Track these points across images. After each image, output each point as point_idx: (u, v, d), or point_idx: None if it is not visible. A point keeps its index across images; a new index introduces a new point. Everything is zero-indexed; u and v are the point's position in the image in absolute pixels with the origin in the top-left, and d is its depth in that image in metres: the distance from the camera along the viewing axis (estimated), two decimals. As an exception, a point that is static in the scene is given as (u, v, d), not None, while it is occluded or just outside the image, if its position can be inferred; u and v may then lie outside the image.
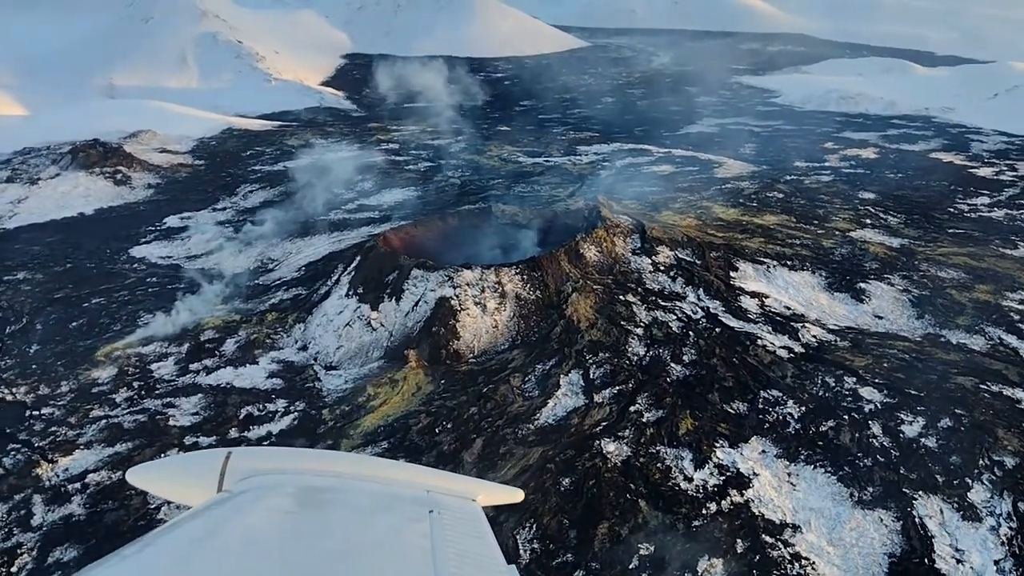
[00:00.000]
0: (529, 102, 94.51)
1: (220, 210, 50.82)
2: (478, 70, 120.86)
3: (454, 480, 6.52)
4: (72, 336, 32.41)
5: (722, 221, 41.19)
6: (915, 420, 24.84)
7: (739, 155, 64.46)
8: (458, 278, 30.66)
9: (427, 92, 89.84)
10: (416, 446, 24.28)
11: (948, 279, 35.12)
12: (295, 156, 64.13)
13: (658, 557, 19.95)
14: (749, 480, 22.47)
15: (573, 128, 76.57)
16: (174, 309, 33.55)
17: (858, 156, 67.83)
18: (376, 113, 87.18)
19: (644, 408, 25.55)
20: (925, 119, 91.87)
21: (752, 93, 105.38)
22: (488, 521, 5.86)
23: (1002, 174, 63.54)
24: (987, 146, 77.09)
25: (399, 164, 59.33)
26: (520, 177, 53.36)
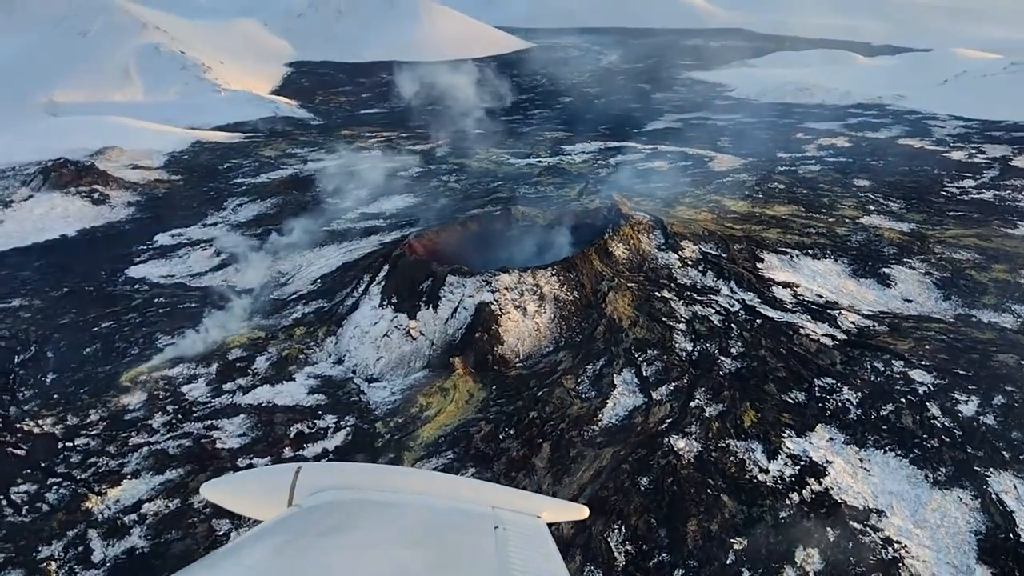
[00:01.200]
0: (486, 104, 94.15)
1: (211, 225, 49.48)
2: (428, 74, 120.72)
3: (518, 496, 6.46)
4: (89, 362, 31.13)
5: (735, 213, 41.48)
6: (969, 399, 25.19)
7: (719, 149, 65.06)
8: (496, 282, 30.23)
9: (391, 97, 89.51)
10: (483, 454, 23.82)
11: (964, 260, 35.87)
12: (277, 168, 62.87)
13: (753, 551, 19.83)
14: (824, 468, 22.49)
15: (540, 129, 76.62)
16: (195, 329, 32.46)
17: (833, 145, 69.19)
18: (334, 121, 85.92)
19: (704, 403, 25.46)
20: (879, 107, 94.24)
21: (706, 88, 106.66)
22: (554, 539, 5.75)
23: (974, 157, 65.37)
24: (947, 131, 79.28)
25: (388, 171, 58.45)
26: (519, 179, 53.06)
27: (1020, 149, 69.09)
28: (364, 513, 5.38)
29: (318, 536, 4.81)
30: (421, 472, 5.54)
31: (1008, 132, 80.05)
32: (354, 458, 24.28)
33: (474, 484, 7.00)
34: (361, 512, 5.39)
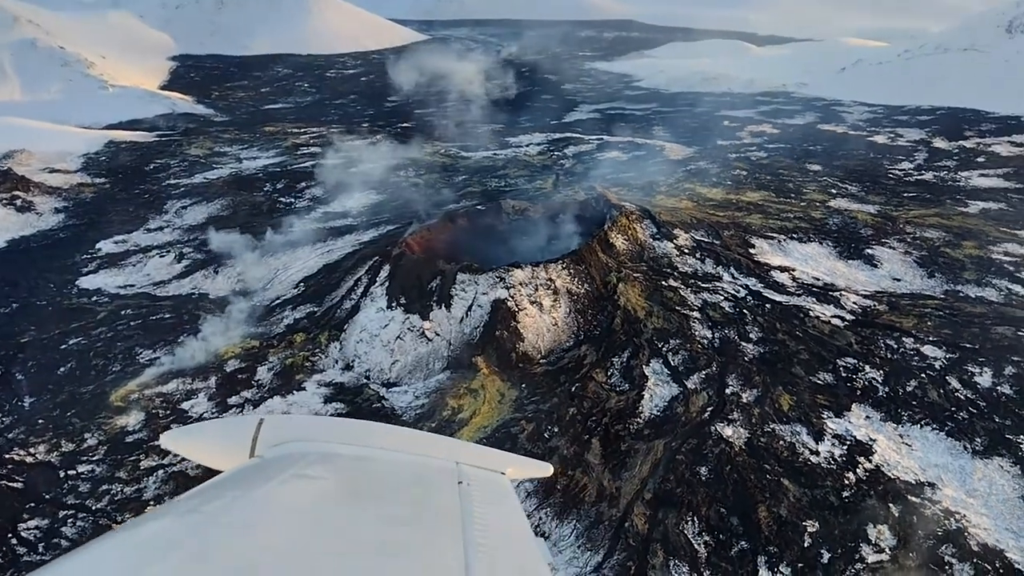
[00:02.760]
0: (397, 98, 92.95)
1: (155, 230, 46.48)
2: (326, 67, 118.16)
3: (484, 453, 6.41)
4: (67, 383, 28.65)
5: (713, 201, 42.12)
6: (983, 371, 26.29)
7: (656, 137, 66.28)
8: (510, 278, 29.56)
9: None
10: (532, 454, 23.13)
11: (935, 239, 37.58)
12: (210, 167, 59.79)
13: (827, 532, 20.01)
14: (870, 447, 22.97)
15: (463, 122, 75.50)
16: (181, 341, 30.38)
17: (763, 132, 71.65)
18: (239, 117, 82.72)
19: (739, 389, 25.61)
20: (785, 95, 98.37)
21: (612, 79, 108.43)
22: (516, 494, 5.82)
23: (897, 140, 69.07)
24: (856, 116, 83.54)
25: (337, 168, 56.45)
26: (484, 172, 52.34)
27: (933, 132, 73.38)
28: (326, 466, 5.31)
29: (277, 487, 4.75)
30: (386, 427, 5.38)
31: (913, 116, 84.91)
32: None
33: (439, 440, 6.68)
34: (323, 465, 5.30)
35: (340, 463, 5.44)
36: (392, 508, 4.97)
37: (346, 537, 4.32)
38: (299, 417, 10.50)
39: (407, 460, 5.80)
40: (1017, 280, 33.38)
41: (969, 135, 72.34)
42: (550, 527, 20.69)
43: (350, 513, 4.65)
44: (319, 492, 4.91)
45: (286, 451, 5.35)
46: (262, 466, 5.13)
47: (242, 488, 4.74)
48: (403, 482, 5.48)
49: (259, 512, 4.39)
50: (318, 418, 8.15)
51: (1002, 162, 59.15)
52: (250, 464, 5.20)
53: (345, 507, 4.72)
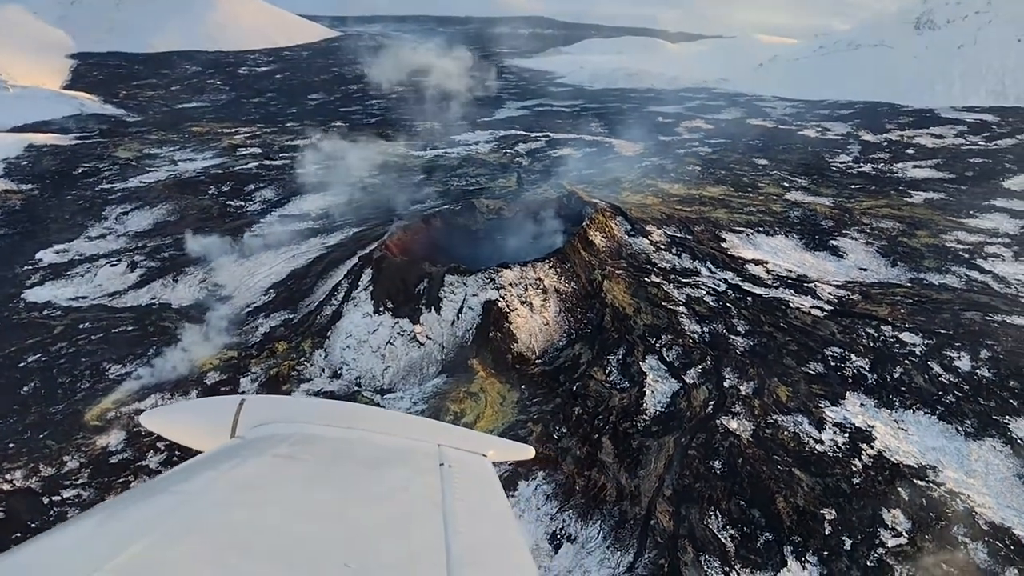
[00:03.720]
0: (317, 96, 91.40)
1: (97, 238, 44.07)
2: (237, 64, 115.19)
3: (465, 435, 6.52)
4: (34, 403, 26.84)
5: (676, 196, 42.70)
6: (961, 356, 27.45)
7: (596, 133, 67.01)
8: (500, 279, 29.18)
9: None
10: (546, 457, 22.97)
11: (891, 229, 39.09)
12: (144, 170, 57.14)
13: (845, 519, 20.47)
14: (870, 433, 23.63)
15: (392, 120, 74.76)
16: (150, 355, 28.88)
17: (698, 127, 73.43)
18: (153, 117, 79.55)
19: (736, 382, 25.97)
20: (707, 90, 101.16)
21: (534, 75, 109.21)
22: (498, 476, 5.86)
23: (826, 134, 71.90)
24: (779, 111, 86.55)
25: (284, 169, 54.79)
26: (441, 171, 51.61)
27: (857, 125, 76.67)
28: (307, 447, 5.27)
29: (258, 467, 4.74)
30: (368, 408, 5.47)
31: (833, 110, 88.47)
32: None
33: (421, 422, 6.73)
34: (304, 446, 5.27)
35: (321, 444, 5.42)
36: (373, 489, 4.93)
37: (326, 518, 4.30)
38: (280, 398, 10.29)
39: (389, 442, 5.78)
40: (974, 267, 35.01)
41: (890, 128, 75.81)
42: (575, 529, 20.47)
43: (330, 494, 4.63)
44: (299, 473, 4.87)
45: (267, 432, 5.34)
46: (243, 447, 5.11)
47: (222, 468, 4.70)
48: (384, 464, 5.46)
49: (239, 492, 4.36)
50: (299, 399, 8.14)
51: (930, 154, 62.13)
52: (231, 444, 5.19)
53: (325, 488, 4.70)
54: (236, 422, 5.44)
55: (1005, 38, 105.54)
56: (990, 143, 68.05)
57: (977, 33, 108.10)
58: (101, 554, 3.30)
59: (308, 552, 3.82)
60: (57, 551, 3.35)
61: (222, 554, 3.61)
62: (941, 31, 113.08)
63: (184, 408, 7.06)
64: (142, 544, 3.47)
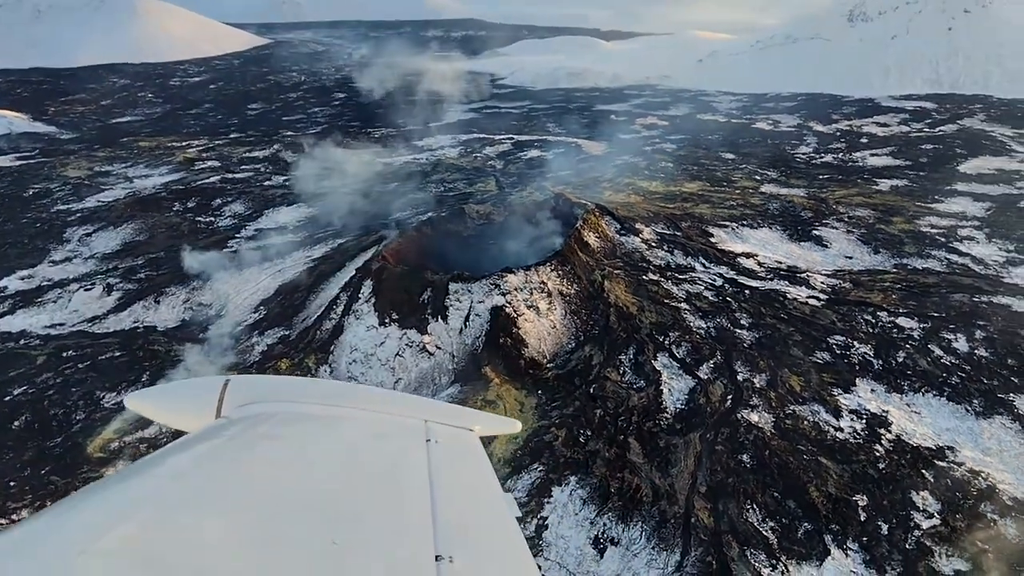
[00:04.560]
0: (257, 105, 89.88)
1: (63, 261, 42.29)
2: (167, 75, 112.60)
3: (451, 411, 6.59)
4: (28, 438, 25.61)
5: (657, 193, 43.05)
6: (957, 337, 28.30)
7: (557, 133, 67.35)
8: (504, 284, 28.93)
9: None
10: (575, 460, 22.85)
11: (867, 217, 40.12)
12: (99, 189, 55.17)
13: (877, 504, 20.86)
14: (886, 418, 24.15)
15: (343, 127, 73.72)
16: (152, 379, 27.86)
17: (654, 124, 74.44)
18: (88, 133, 77.17)
19: (748, 375, 26.27)
20: (651, 87, 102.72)
21: (475, 77, 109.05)
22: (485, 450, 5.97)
23: (778, 126, 73.71)
24: (726, 105, 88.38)
25: (249, 182, 53.49)
26: (416, 178, 50.99)
27: (805, 116, 78.82)
28: (294, 425, 5.31)
29: (244, 447, 4.74)
30: (354, 386, 5.57)
31: (777, 103, 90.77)
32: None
33: (408, 398, 6.81)
34: (291, 424, 5.30)
35: (307, 422, 5.41)
36: (359, 466, 4.92)
37: (312, 496, 4.29)
38: (266, 377, 10.10)
39: (375, 419, 5.78)
40: (952, 250, 36.16)
41: (837, 118, 78.12)
42: (617, 531, 20.38)
43: (316, 472, 4.63)
44: (285, 451, 4.85)
45: (253, 411, 5.30)
46: (228, 426, 5.07)
47: (207, 448, 4.66)
48: (371, 440, 5.45)
49: (224, 472, 4.32)
50: (285, 378, 8.09)
51: (883, 142, 64.14)
52: (216, 424, 5.13)
53: (312, 466, 4.69)
54: (221, 402, 5.36)
55: (936, 27, 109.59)
56: (934, 129, 70.60)
57: (909, 23, 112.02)
58: (88, 535, 3.30)
59: (295, 530, 3.83)
60: (43, 532, 3.30)
61: (208, 534, 3.61)
62: (874, 23, 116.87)
63: (169, 390, 6.54)
64: (128, 525, 3.47)
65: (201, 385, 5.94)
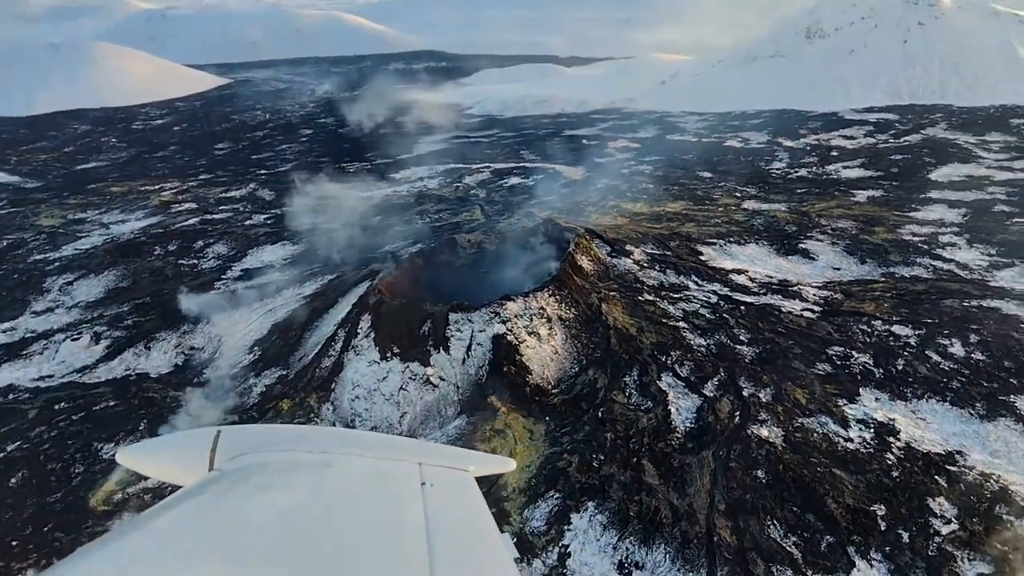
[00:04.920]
0: (224, 145, 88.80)
1: (44, 312, 41.41)
2: (128, 119, 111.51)
3: (446, 452, 6.66)
4: (27, 495, 24.92)
5: (642, 214, 43.41)
6: (953, 342, 28.73)
7: (532, 160, 67.81)
8: (504, 312, 28.87)
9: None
10: (590, 486, 22.71)
11: (850, 228, 40.80)
12: (75, 237, 54.27)
13: (895, 513, 20.99)
14: (892, 426, 24.36)
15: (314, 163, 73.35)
16: (151, 428, 27.30)
17: (627, 147, 75.15)
18: (54, 180, 75.71)
19: (753, 390, 26.40)
20: (617, 111, 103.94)
21: (441, 109, 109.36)
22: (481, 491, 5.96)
23: (748, 143, 74.78)
24: (693, 125, 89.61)
25: (230, 222, 53.00)
26: (400, 210, 50.91)
27: (772, 132, 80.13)
28: (288, 474, 5.33)
29: (240, 499, 4.76)
30: (346, 431, 5.85)
31: (744, 120, 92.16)
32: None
33: (400, 441, 6.90)
34: (285, 473, 5.32)
35: (301, 471, 5.43)
36: (355, 513, 4.95)
37: (310, 545, 4.33)
38: (257, 427, 10.30)
39: (369, 464, 5.78)
40: (936, 257, 36.84)
41: (804, 133, 79.48)
42: (640, 555, 20.24)
43: (312, 521, 4.66)
44: (280, 502, 4.88)
45: (245, 462, 5.32)
46: (221, 478, 5.10)
47: (203, 502, 4.71)
48: (365, 486, 5.45)
49: (220, 526, 4.36)
50: (276, 427, 8.16)
51: (852, 155, 65.45)
52: (210, 477, 5.16)
53: (307, 515, 4.73)
54: (214, 454, 5.38)
55: (892, 40, 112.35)
56: (900, 140, 72.21)
57: (865, 38, 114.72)
58: None
59: None
60: None
61: None
62: (831, 39, 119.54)
63: (161, 443, 6.50)
64: None
65: (192, 437, 5.93)
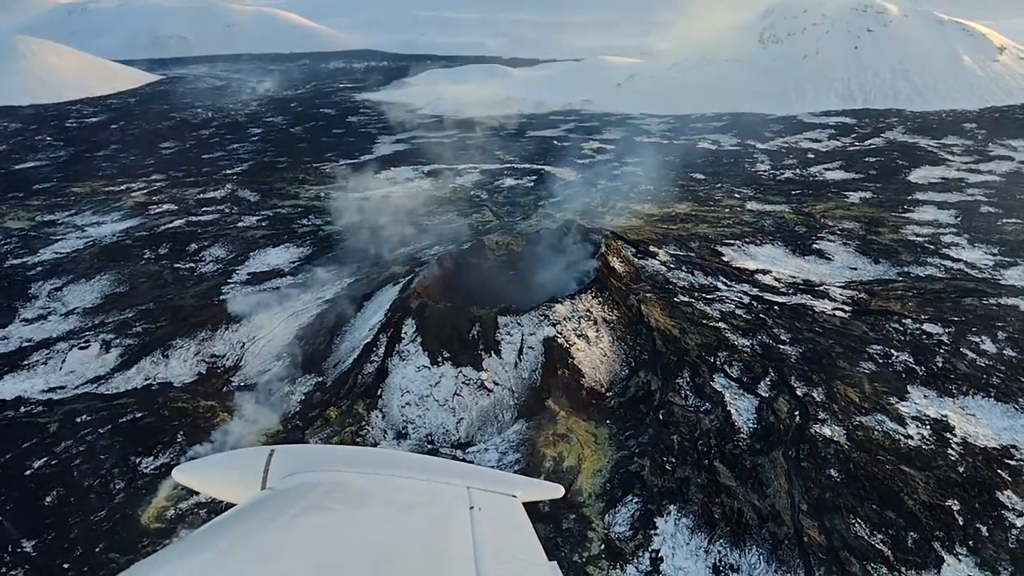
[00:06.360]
0: (171, 144, 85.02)
1: (37, 320, 39.34)
2: (61, 117, 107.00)
3: (493, 476, 6.80)
4: (69, 514, 23.72)
5: (655, 216, 43.71)
6: (983, 339, 29.73)
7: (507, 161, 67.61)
8: (553, 314, 28.65)
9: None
10: (668, 489, 22.69)
11: (856, 229, 41.90)
12: (49, 240, 51.83)
13: (969, 507, 21.60)
14: (947, 423, 25.05)
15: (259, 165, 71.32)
16: (193, 440, 26.27)
17: (602, 148, 75.49)
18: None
19: (806, 389, 26.82)
20: (576, 112, 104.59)
21: (392, 109, 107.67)
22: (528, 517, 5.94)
23: (722, 146, 75.95)
24: (656, 127, 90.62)
25: (221, 224, 51.28)
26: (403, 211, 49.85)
27: (739, 135, 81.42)
28: (339, 494, 5.41)
29: (291, 518, 4.85)
30: (396, 453, 6.01)
31: (706, 123, 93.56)
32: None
33: (449, 465, 6.87)
34: (336, 493, 5.41)
35: (352, 492, 5.50)
36: (404, 535, 5.01)
37: (360, 565, 4.41)
38: (309, 447, 10.49)
39: (418, 486, 5.85)
40: (945, 256, 38.11)
41: (770, 136, 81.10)
42: (734, 558, 20.31)
43: (362, 542, 4.74)
44: (331, 522, 4.97)
45: (298, 482, 5.41)
46: (274, 498, 5.19)
47: (256, 521, 4.78)
48: (415, 508, 5.51)
49: (274, 544, 4.45)
50: (328, 447, 8.22)
51: (828, 157, 67.17)
52: (262, 496, 5.24)
53: (357, 536, 4.81)
54: (267, 473, 5.45)
55: (843, 46, 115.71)
56: (864, 143, 74.45)
57: (818, 43, 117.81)
58: None
59: None
60: None
61: None
62: (784, 44, 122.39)
63: (215, 461, 6.59)
64: None
65: (246, 456, 6.06)
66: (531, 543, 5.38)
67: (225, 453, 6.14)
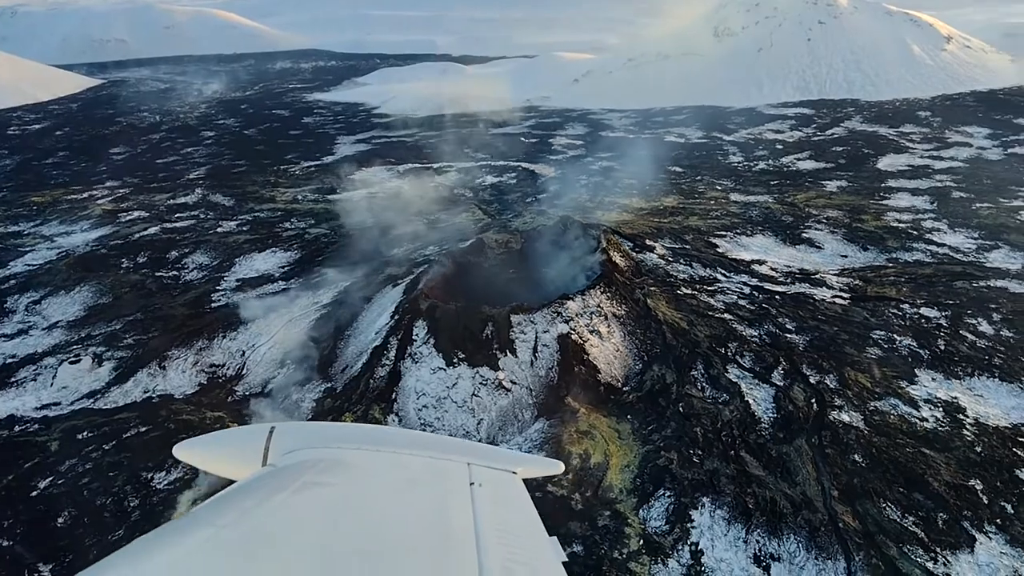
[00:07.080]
0: (121, 149, 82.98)
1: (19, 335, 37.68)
2: (2, 125, 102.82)
3: (494, 453, 6.74)
4: (85, 535, 22.94)
5: (644, 210, 43.92)
6: (980, 321, 30.56)
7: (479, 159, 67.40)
8: (565, 311, 28.56)
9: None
10: (699, 481, 22.80)
11: (840, 217, 42.68)
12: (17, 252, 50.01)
13: (992, 487, 22.14)
14: (958, 404, 25.66)
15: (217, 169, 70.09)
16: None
17: (573, 144, 75.75)
18: None
19: (819, 376, 27.21)
20: (535, 108, 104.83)
21: (346, 108, 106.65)
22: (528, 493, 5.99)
23: (689, 139, 76.71)
24: (619, 122, 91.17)
25: (199, 230, 50.00)
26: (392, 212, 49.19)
27: (702, 127, 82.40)
28: (339, 471, 5.44)
29: (292, 495, 4.87)
30: (397, 430, 6.33)
31: (667, 116, 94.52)
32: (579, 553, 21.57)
33: (450, 441, 7.09)
34: (336, 470, 5.44)
35: (352, 468, 5.53)
36: (404, 511, 5.07)
37: (361, 541, 4.49)
38: (310, 424, 10.55)
39: (419, 463, 5.91)
40: (929, 242, 39.06)
41: (733, 128, 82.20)
42: (774, 547, 20.50)
43: (362, 517, 4.80)
44: (333, 498, 5.01)
45: (298, 458, 5.44)
46: (275, 474, 5.22)
47: (257, 497, 4.79)
48: (415, 485, 5.57)
49: (275, 520, 4.49)
50: (329, 424, 8.17)
51: (797, 147, 68.31)
52: (263, 472, 5.27)
53: (357, 512, 4.86)
54: (267, 450, 5.48)
55: (796, 39, 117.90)
56: (826, 132, 75.96)
57: (771, 36, 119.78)
58: None
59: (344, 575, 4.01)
60: None
61: None
62: (739, 37, 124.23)
63: (216, 438, 6.49)
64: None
65: (247, 433, 6.08)
66: (531, 519, 5.43)
67: (226, 430, 6.44)
